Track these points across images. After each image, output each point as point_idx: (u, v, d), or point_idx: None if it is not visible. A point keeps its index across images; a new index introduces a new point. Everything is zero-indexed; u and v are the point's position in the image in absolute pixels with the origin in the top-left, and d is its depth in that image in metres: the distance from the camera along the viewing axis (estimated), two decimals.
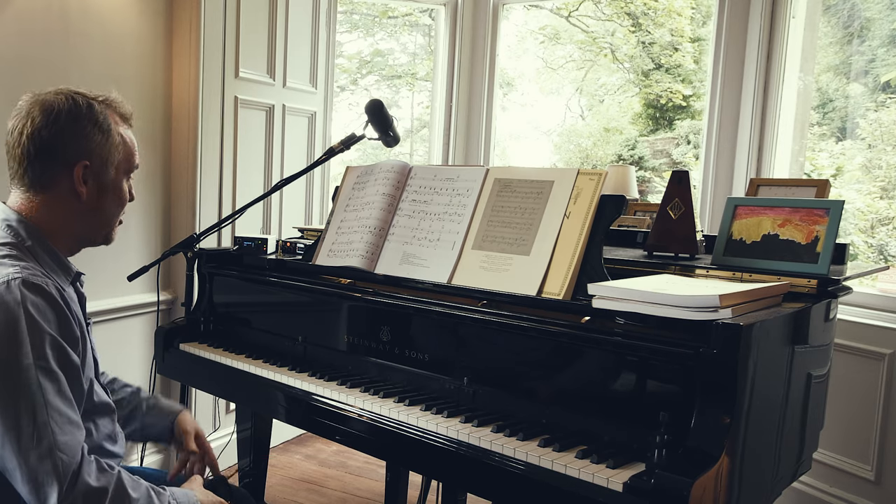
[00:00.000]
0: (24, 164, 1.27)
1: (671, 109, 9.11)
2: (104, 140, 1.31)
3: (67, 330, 1.20)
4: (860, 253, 5.04)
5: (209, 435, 3.01)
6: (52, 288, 1.19)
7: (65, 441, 1.12)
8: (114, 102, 1.36)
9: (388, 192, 1.92)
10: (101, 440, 1.36)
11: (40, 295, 1.16)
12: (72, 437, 1.14)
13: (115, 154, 1.33)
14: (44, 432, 1.10)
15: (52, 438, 1.11)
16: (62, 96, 1.28)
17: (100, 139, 1.30)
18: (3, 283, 1.15)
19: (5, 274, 1.16)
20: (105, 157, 1.31)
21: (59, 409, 1.13)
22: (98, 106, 1.31)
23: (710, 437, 1.19)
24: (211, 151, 2.91)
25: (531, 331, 1.48)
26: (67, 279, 1.33)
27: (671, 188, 1.81)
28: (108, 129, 1.31)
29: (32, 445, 1.09)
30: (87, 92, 1.33)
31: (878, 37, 3.99)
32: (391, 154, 6.68)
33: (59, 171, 1.28)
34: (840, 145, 5.14)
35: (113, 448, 1.39)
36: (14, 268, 1.18)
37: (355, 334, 1.83)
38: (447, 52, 3.92)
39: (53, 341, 1.16)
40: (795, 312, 1.43)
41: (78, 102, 1.29)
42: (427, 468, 1.65)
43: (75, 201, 1.30)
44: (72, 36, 2.48)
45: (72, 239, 1.34)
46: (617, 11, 9.25)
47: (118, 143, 1.34)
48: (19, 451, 1.10)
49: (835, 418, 2.38)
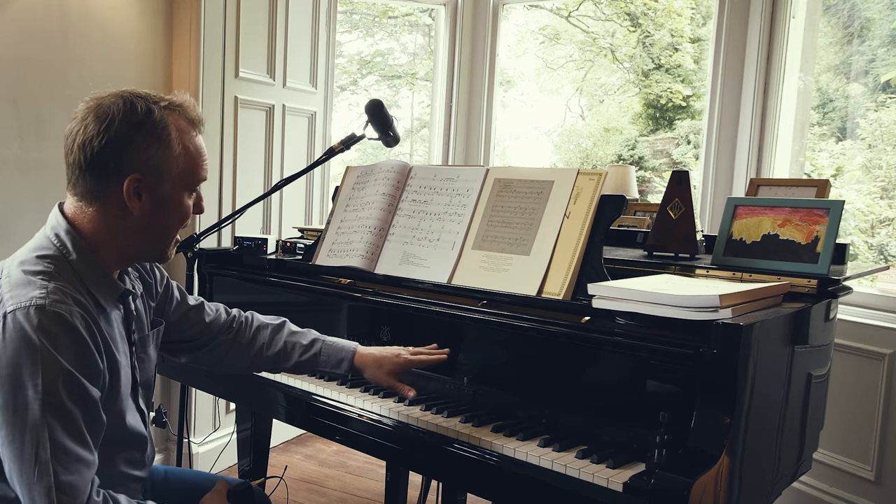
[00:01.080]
0: (77, 172, 1.19)
1: (671, 109, 9.11)
2: (160, 151, 1.19)
3: (87, 362, 1.12)
4: (860, 253, 5.04)
5: (209, 435, 3.03)
6: (77, 317, 1.11)
7: (68, 481, 1.06)
8: (181, 107, 1.24)
9: (388, 191, 1.92)
10: (124, 466, 1.30)
11: (60, 324, 1.09)
12: (77, 476, 1.08)
13: (173, 166, 1.21)
14: (45, 470, 1.05)
15: (54, 478, 1.05)
16: (120, 101, 1.18)
17: (155, 150, 1.19)
18: (24, 308, 1.08)
19: (28, 298, 1.09)
20: (161, 170, 1.20)
21: (65, 448, 1.07)
22: (158, 112, 1.20)
23: (710, 437, 1.19)
24: (211, 151, 2.89)
25: (531, 331, 1.48)
26: (113, 297, 1.24)
27: (671, 188, 1.81)
28: (166, 139, 1.20)
29: (34, 480, 1.05)
30: (151, 95, 1.22)
31: (878, 37, 3.99)
32: (391, 154, 6.67)
33: (111, 183, 1.18)
34: (840, 145, 5.14)
35: (136, 472, 1.33)
36: (41, 290, 1.10)
37: (355, 334, 1.83)
38: (447, 51, 3.92)
39: (68, 375, 1.08)
40: (795, 312, 1.43)
41: (136, 109, 1.18)
42: (427, 468, 1.65)
43: (127, 216, 1.20)
44: (72, 36, 2.48)
45: (121, 254, 1.25)
46: (617, 11, 9.25)
47: (178, 154, 1.21)
48: (22, 481, 1.06)
49: (835, 418, 2.38)
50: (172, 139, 1.20)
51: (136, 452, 1.33)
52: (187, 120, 1.24)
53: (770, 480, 1.45)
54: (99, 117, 1.17)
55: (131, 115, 1.17)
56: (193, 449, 2.94)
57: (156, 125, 1.19)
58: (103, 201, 1.20)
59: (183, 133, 1.23)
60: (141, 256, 1.30)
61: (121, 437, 1.27)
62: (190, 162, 1.24)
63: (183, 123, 1.23)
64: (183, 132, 1.23)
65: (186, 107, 1.24)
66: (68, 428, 1.08)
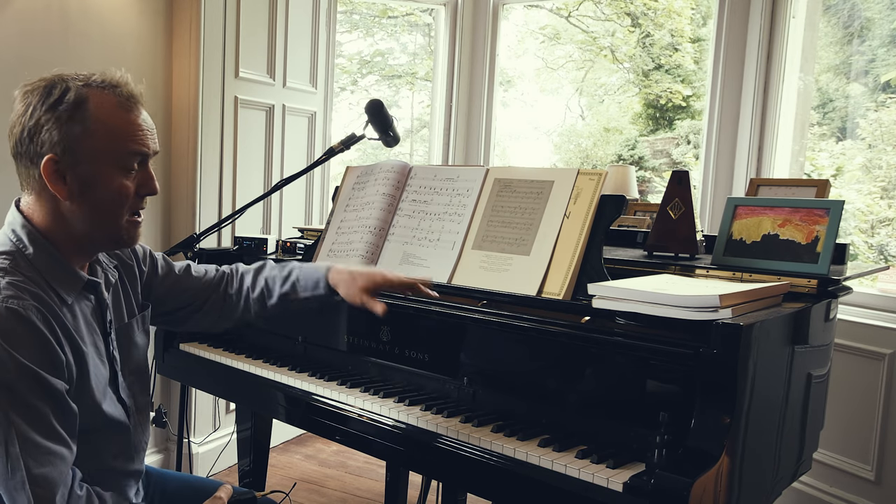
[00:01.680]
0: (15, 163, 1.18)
1: (671, 109, 9.11)
2: (73, 128, 1.14)
3: (46, 355, 1.11)
4: (860, 253, 5.04)
5: (209, 435, 3.03)
6: (32, 310, 1.10)
7: (41, 473, 1.06)
8: (109, 83, 1.19)
9: (388, 191, 1.92)
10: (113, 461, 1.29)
11: (14, 320, 1.08)
12: (51, 468, 1.08)
13: (90, 143, 1.15)
14: (17, 465, 1.05)
15: (27, 472, 1.05)
16: (42, 82, 1.16)
17: (69, 128, 1.14)
18: None
19: None
20: (76, 148, 1.14)
21: (34, 442, 1.07)
22: (75, 91, 1.15)
23: (710, 437, 1.19)
24: (211, 151, 2.91)
25: (531, 331, 1.48)
26: (75, 288, 1.22)
27: (671, 188, 1.81)
28: (80, 117, 1.14)
29: (8, 476, 1.06)
30: (71, 74, 1.19)
31: (878, 37, 3.99)
32: (391, 154, 6.67)
33: (32, 168, 1.16)
34: (840, 145, 5.14)
35: (128, 466, 1.32)
36: None
37: (355, 334, 1.83)
38: (447, 51, 3.92)
39: (27, 372, 1.07)
40: (795, 312, 1.43)
41: (52, 90, 1.15)
42: (427, 468, 1.65)
43: (58, 201, 1.17)
44: (72, 36, 2.48)
45: (78, 244, 1.21)
46: (617, 11, 9.25)
47: (94, 130, 1.15)
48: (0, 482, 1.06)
49: (835, 418, 2.38)
50: (88, 116, 1.15)
51: (120, 443, 1.31)
52: (116, 95, 1.19)
53: (770, 480, 1.45)
54: (23, 101, 1.16)
55: (47, 97, 1.15)
56: (193, 449, 2.94)
57: (69, 104, 1.14)
58: (36, 189, 1.18)
59: (104, 108, 1.17)
60: (100, 244, 1.25)
61: (100, 428, 1.25)
62: (112, 137, 1.17)
63: (109, 98, 1.18)
64: (104, 107, 1.17)
65: (117, 82, 1.19)
66: (34, 423, 1.08)
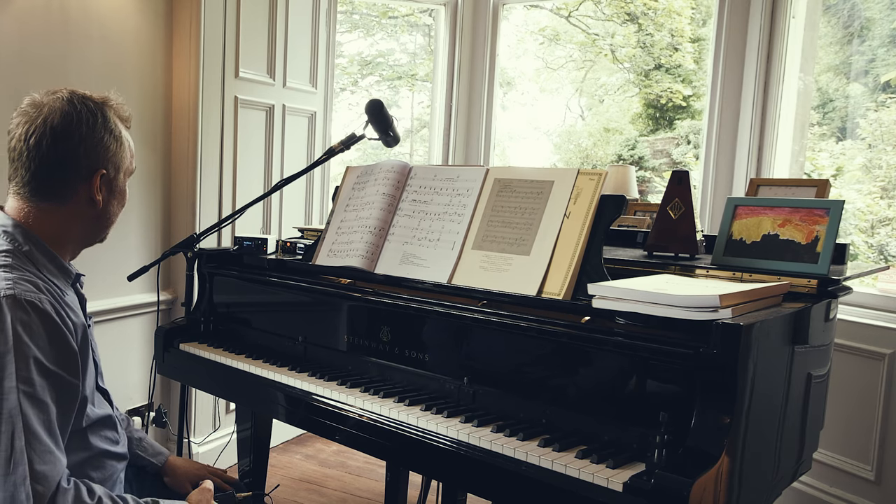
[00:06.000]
0: (32, 171, 1.22)
1: (671, 109, 9.11)
2: (118, 146, 1.30)
3: (62, 349, 1.15)
4: (860, 253, 5.04)
5: (209, 435, 3.03)
6: (48, 304, 1.14)
7: (42, 471, 1.08)
8: (116, 105, 1.33)
9: (388, 192, 1.92)
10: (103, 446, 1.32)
11: (33, 313, 1.12)
12: (51, 466, 1.10)
13: (126, 159, 1.33)
14: (20, 459, 1.06)
15: (28, 467, 1.07)
16: (75, 102, 1.25)
17: (114, 146, 1.29)
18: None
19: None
20: (118, 164, 1.31)
21: (39, 438, 1.09)
22: (108, 111, 1.30)
23: (710, 437, 1.19)
24: (211, 151, 2.91)
25: (531, 331, 1.48)
26: (67, 282, 1.29)
27: (671, 188, 1.81)
28: (119, 135, 1.31)
29: (8, 471, 1.06)
30: (94, 95, 1.30)
31: (878, 37, 3.99)
32: (391, 154, 6.68)
33: (76, 180, 1.25)
34: (840, 145, 5.14)
35: (116, 449, 1.36)
36: (6, 281, 1.13)
37: (355, 334, 1.83)
38: (447, 52, 3.92)
39: (42, 368, 1.11)
40: (795, 312, 1.43)
41: (92, 109, 1.26)
42: (427, 468, 1.65)
43: (90, 209, 1.28)
44: (72, 36, 2.48)
45: (75, 243, 1.32)
46: (617, 11, 9.25)
47: (127, 147, 1.33)
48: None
49: (835, 418, 2.38)
50: (123, 135, 1.32)
51: (109, 431, 1.36)
52: (121, 118, 1.34)
53: (770, 480, 1.45)
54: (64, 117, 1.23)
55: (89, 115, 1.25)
56: (193, 449, 2.94)
57: (109, 123, 1.29)
58: (64, 198, 1.26)
59: (123, 129, 1.33)
60: (87, 243, 1.36)
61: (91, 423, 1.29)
62: (131, 155, 1.36)
63: (119, 119, 1.33)
64: (123, 128, 1.33)
65: (120, 105, 1.34)
66: (43, 419, 1.11)
